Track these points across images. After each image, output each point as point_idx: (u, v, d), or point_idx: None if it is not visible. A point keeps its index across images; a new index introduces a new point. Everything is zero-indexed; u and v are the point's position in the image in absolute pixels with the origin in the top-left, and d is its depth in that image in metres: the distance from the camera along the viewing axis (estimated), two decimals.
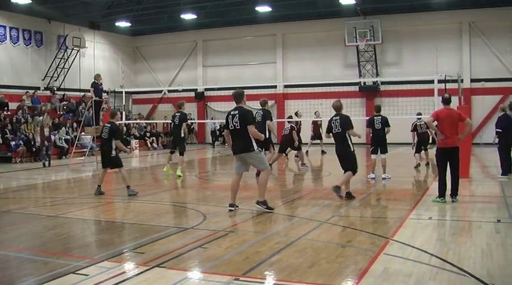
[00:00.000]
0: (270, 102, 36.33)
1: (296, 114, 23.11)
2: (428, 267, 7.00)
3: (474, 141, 28.86)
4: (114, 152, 13.72)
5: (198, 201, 13.32)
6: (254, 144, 11.11)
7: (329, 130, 12.96)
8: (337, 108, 13.01)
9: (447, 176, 12.03)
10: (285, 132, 20.35)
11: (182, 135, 18.14)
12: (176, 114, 18.15)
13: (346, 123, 12.70)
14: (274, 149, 18.83)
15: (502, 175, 16.30)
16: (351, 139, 12.84)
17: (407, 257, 7.48)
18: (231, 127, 11.18)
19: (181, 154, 18.24)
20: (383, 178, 16.19)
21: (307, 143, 25.72)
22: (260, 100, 17.40)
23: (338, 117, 12.76)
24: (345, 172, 12.83)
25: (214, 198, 13.70)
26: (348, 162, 12.84)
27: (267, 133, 16.41)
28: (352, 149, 12.85)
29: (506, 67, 31.60)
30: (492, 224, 9.71)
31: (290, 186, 16.70)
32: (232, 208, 11.25)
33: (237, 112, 11.19)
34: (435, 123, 12.21)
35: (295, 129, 20.40)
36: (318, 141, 26.03)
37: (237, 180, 11.44)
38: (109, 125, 13.94)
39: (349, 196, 12.59)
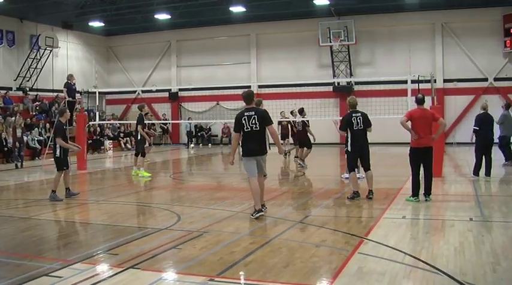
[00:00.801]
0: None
1: (303, 110, 22.43)
2: (402, 266, 7.05)
3: (447, 140, 29.16)
4: (58, 152, 13.40)
5: (172, 202, 13.27)
6: (267, 146, 10.87)
7: (347, 126, 12.69)
8: (355, 105, 12.90)
9: (420, 175, 12.14)
10: (299, 127, 20.36)
11: (139, 137, 18.23)
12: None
13: (368, 120, 12.82)
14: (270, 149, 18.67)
15: (474, 174, 16.40)
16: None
17: (382, 256, 7.53)
18: (247, 128, 10.59)
19: (142, 155, 18.29)
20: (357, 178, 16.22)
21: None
22: (255, 100, 17.37)
23: (359, 114, 12.67)
24: (365, 170, 12.88)
25: (188, 199, 13.66)
26: (368, 159, 12.90)
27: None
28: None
29: (478, 67, 31.97)
30: (465, 222, 9.81)
31: (265, 186, 16.67)
32: (263, 212, 10.66)
33: (253, 112, 10.71)
34: (409, 122, 12.22)
35: (308, 125, 20.34)
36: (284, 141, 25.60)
37: (257, 181, 10.79)
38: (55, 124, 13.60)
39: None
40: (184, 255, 7.76)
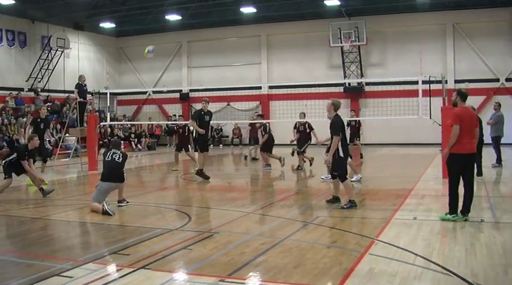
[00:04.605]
0: (255, 103, 36.47)
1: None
2: (413, 267, 7.03)
3: None
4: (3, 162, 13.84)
5: (182, 202, 13.28)
6: None
7: (340, 130, 11.65)
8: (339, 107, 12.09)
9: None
10: (301, 128, 20.09)
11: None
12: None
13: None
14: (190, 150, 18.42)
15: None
16: None
17: (392, 257, 7.51)
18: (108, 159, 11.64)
19: (44, 160, 17.97)
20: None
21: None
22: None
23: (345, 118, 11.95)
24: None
25: (199, 199, 13.68)
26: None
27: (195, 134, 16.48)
28: None
29: (489, 68, 31.86)
30: (476, 223, 9.76)
31: (275, 187, 16.70)
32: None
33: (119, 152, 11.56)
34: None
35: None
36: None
37: None
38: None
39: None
40: (195, 256, 7.76)
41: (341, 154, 11.60)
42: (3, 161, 13.76)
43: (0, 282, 6.63)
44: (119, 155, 12.07)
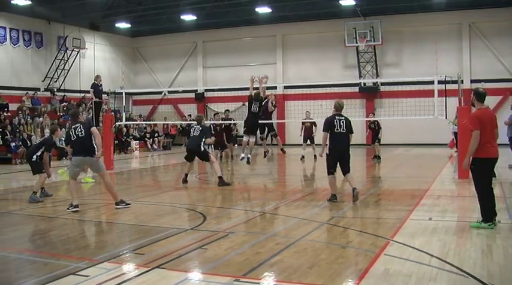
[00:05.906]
0: None
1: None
2: (428, 268, 6.99)
3: None
4: (34, 158, 13.70)
5: (197, 202, 13.29)
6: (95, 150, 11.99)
7: (329, 128, 12.23)
8: (340, 108, 12.49)
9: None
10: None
11: (33, 159, 17.67)
12: None
13: (351, 126, 12.40)
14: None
15: None
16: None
17: (408, 257, 7.48)
18: (74, 137, 12.02)
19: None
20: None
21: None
22: (196, 116, 17.24)
23: (343, 118, 12.32)
24: (345, 174, 12.47)
25: (214, 199, 13.69)
26: (348, 163, 12.53)
27: (202, 147, 16.05)
28: None
29: (506, 68, 31.64)
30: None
31: (290, 187, 16.68)
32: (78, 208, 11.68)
33: (78, 124, 12.10)
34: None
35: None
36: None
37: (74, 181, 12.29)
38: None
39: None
40: (210, 256, 7.77)
41: (327, 151, 12.47)
42: (35, 157, 13.67)
43: (16, 281, 6.68)
44: (80, 128, 12.07)
